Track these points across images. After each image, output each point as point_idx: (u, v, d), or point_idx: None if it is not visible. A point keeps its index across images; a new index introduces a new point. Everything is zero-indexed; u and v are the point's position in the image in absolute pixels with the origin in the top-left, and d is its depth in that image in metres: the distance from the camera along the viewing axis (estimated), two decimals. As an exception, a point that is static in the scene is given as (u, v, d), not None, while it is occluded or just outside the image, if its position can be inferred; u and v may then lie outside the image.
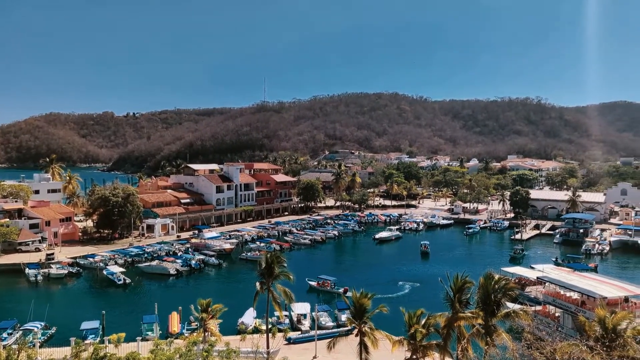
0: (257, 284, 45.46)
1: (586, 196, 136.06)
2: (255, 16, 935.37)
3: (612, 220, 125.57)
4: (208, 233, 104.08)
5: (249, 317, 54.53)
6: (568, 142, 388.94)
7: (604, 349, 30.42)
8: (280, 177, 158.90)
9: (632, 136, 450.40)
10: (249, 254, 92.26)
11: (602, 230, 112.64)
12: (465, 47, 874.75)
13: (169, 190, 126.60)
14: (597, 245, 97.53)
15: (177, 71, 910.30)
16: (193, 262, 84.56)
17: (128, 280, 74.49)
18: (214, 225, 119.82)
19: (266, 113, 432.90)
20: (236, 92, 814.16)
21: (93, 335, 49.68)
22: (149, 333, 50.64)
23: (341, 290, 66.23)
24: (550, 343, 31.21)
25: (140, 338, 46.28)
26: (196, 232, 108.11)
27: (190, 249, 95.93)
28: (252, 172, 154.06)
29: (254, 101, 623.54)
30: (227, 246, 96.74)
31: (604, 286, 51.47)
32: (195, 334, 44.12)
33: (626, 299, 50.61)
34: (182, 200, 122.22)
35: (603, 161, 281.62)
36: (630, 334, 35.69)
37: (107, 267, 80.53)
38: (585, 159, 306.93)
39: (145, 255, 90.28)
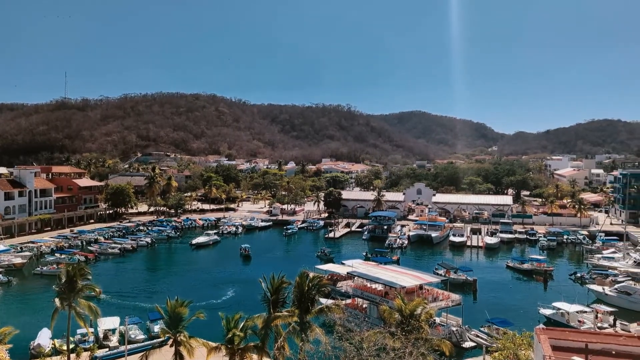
0: (56, 300, 40.57)
1: (389, 196, 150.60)
2: (55, 1, 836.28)
3: (410, 217, 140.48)
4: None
5: (45, 338, 48.12)
6: (374, 146, 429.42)
7: (404, 333, 33.25)
8: (85, 182, 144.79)
9: (426, 142, 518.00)
10: (45, 267, 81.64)
11: (402, 226, 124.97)
12: (279, 55, 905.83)
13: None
14: (398, 240, 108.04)
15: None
16: (-28, 282, 71.79)
17: None
18: (2, 237, 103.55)
19: (68, 111, 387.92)
20: (31, 85, 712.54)
21: None
22: None
23: None
24: (359, 333, 32.99)
25: None
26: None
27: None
28: (50, 176, 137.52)
29: (52, 97, 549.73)
30: (18, 260, 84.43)
31: (404, 277, 56.91)
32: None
33: (420, 287, 56.69)
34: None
35: (402, 164, 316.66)
36: (424, 318, 39.90)
37: None
38: (388, 162, 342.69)
39: None
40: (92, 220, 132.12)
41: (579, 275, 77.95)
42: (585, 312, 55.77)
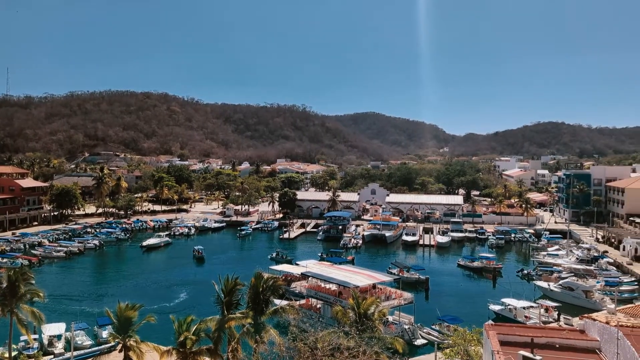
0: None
1: (344, 196, 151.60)
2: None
3: (364, 217, 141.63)
4: None
5: (-15, 346, 45.80)
6: (329, 147, 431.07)
7: (357, 332, 33.42)
8: (28, 182, 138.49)
9: (380, 143, 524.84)
10: (-16, 272, 77.56)
11: (357, 226, 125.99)
12: (233, 54, 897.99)
13: None
14: (352, 240, 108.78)
15: None
16: None
17: None
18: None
19: (10, 108, 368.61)
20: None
21: None
22: None
23: None
24: (313, 333, 32.90)
25: None
26: None
27: None
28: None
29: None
30: (-45, 266, 79.73)
31: (357, 276, 57.30)
32: None
33: (374, 286, 57.26)
34: None
35: (357, 165, 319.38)
36: (378, 317, 40.28)
37: None
38: (343, 163, 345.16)
39: None
40: (36, 223, 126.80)
41: (525, 272, 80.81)
42: (532, 307, 57.80)
